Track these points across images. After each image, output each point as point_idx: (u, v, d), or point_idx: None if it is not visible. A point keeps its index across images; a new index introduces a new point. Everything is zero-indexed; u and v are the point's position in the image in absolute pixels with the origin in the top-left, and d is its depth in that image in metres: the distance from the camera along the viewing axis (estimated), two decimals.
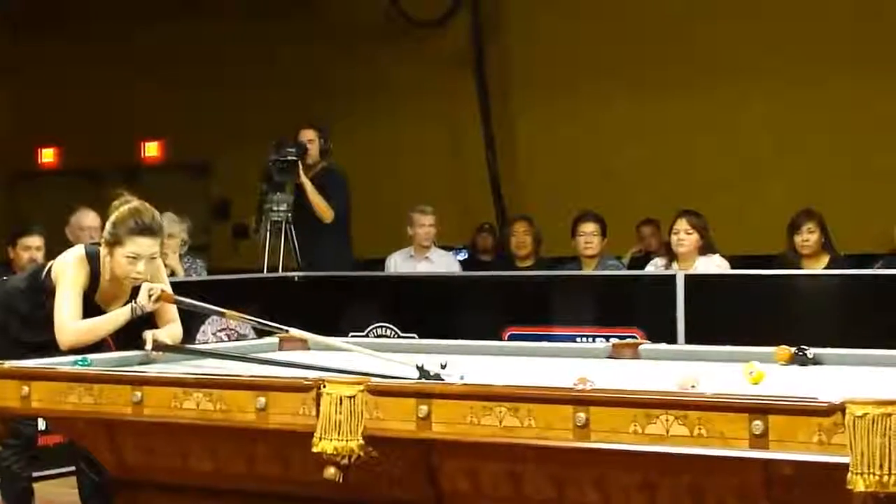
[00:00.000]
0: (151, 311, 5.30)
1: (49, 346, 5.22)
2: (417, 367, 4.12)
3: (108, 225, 5.31)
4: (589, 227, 9.27)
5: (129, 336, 5.25)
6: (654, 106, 12.67)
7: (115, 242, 5.25)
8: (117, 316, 5.28)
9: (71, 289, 5.32)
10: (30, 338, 5.42)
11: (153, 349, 5.03)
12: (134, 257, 5.22)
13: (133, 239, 5.22)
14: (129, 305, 5.27)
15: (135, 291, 5.34)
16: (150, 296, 5.21)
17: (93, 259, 5.38)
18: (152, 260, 5.29)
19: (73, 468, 5.97)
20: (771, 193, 11.44)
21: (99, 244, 5.41)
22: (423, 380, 4.01)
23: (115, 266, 5.28)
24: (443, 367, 4.16)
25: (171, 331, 5.28)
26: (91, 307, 5.35)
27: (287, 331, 5.25)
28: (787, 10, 12.16)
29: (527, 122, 13.50)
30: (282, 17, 14.22)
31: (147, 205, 5.36)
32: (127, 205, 5.32)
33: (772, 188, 11.64)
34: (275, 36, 14.28)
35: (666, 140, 12.62)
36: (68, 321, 5.26)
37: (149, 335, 5.09)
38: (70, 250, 5.57)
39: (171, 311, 5.36)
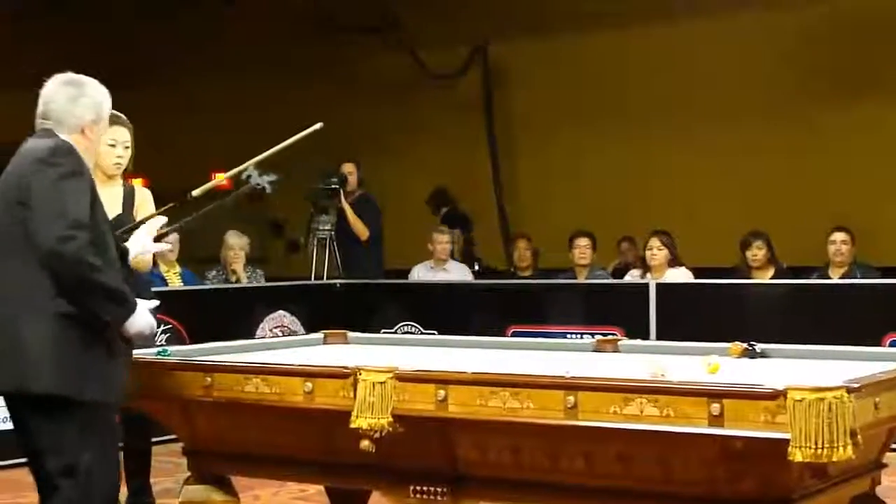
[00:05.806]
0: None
1: None
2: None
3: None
4: (583, 242, 9.36)
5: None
6: (637, 144, 12.64)
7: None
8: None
9: None
10: None
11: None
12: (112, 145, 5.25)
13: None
14: None
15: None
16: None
17: None
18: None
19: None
20: (727, 216, 11.39)
21: None
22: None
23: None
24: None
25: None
26: None
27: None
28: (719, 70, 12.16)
29: (527, 157, 13.48)
30: (331, 73, 14.26)
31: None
32: None
33: (727, 211, 11.60)
34: (325, 87, 14.29)
35: (643, 172, 12.58)
36: None
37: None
38: None
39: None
